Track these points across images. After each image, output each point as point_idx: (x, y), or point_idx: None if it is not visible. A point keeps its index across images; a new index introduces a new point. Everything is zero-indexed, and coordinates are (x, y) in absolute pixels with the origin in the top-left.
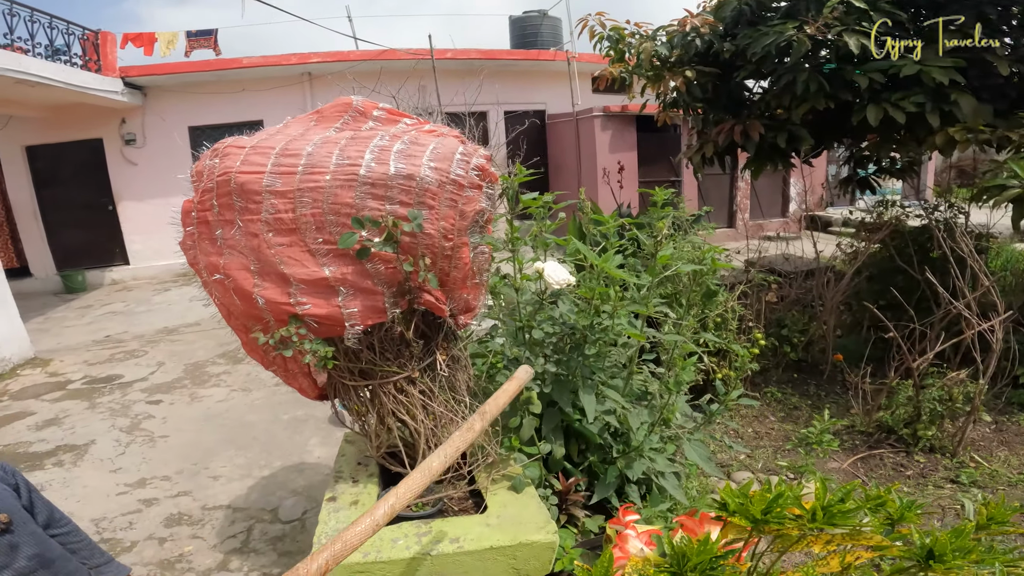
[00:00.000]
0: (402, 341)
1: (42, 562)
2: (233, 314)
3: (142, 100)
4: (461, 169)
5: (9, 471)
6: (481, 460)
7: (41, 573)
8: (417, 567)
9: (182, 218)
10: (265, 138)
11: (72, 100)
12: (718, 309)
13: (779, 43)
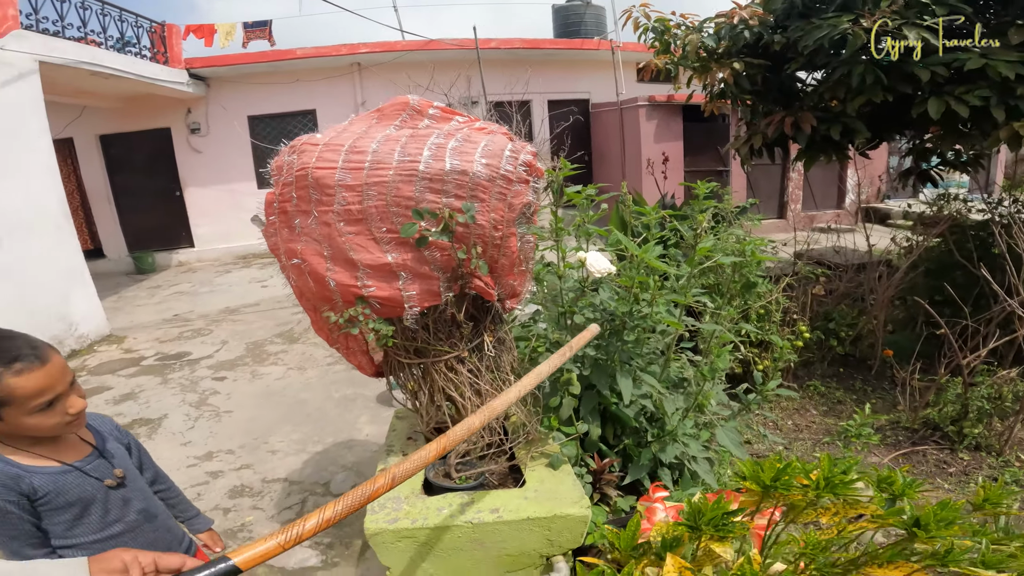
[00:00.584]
0: (453, 323)
1: (147, 516)
2: (305, 295)
3: (205, 91)
4: (510, 165)
5: (123, 432)
6: (522, 437)
7: (146, 526)
8: (459, 534)
9: (265, 208)
10: (335, 136)
11: (142, 91)
12: (761, 301)
13: (833, 36)
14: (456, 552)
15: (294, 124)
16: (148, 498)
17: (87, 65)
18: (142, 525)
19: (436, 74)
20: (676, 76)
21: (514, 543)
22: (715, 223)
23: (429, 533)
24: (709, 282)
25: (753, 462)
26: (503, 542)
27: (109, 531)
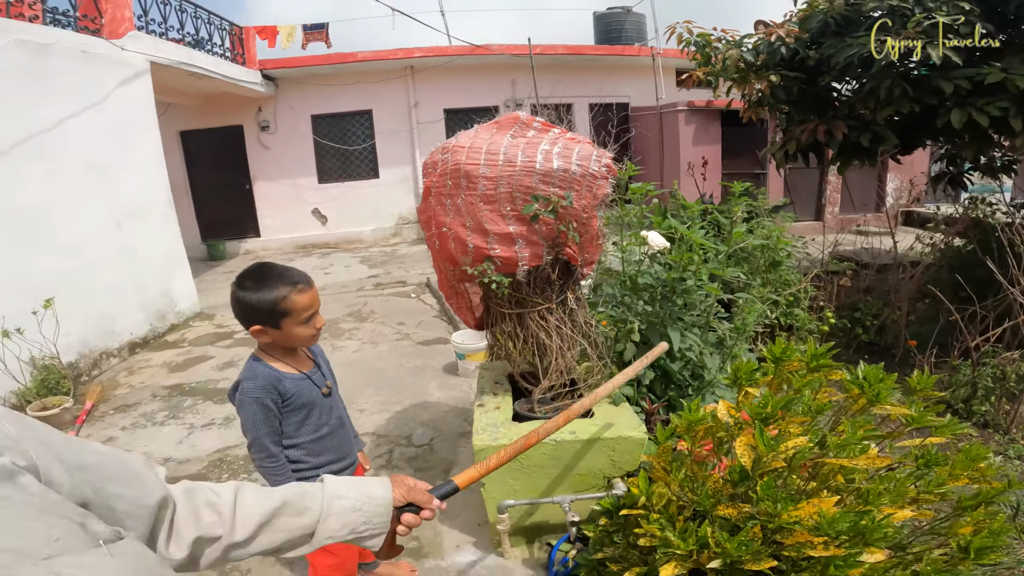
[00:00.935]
0: (547, 281)
1: (341, 423)
2: (444, 256)
3: (275, 90)
4: (596, 166)
5: (319, 351)
6: (591, 381)
7: (340, 431)
8: (543, 451)
9: (423, 193)
10: (471, 142)
11: (220, 90)
12: (790, 288)
13: (862, 54)
14: (537, 469)
15: (352, 123)
16: (342, 408)
17: (186, 66)
18: (338, 430)
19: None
20: (716, 86)
21: (584, 462)
22: (749, 218)
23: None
24: (744, 270)
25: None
26: (576, 461)
27: (319, 432)
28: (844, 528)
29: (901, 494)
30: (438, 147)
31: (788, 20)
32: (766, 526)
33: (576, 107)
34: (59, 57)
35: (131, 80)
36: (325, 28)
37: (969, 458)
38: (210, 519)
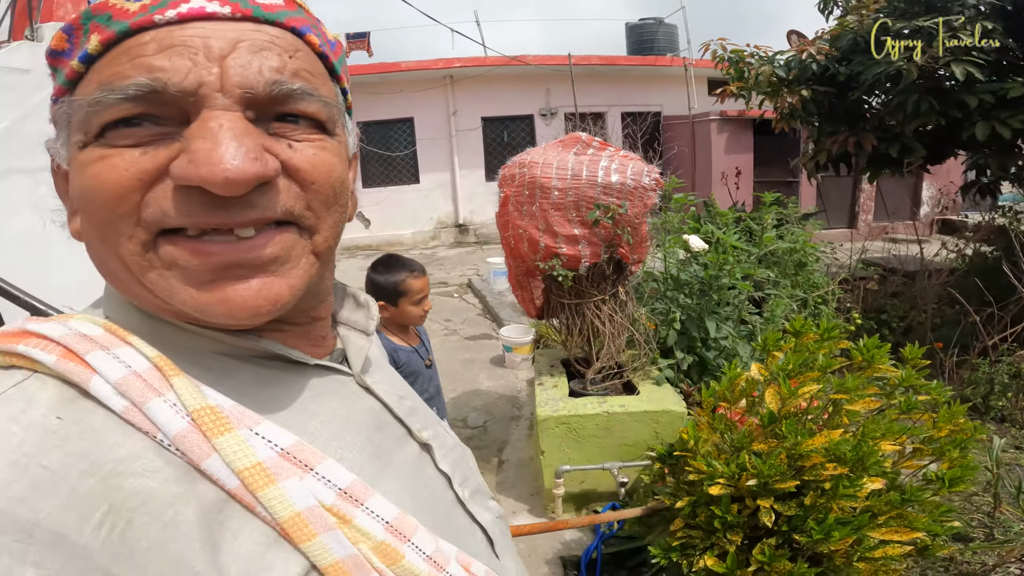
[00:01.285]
0: (603, 276)
1: (437, 391)
2: (517, 254)
3: None
4: (647, 179)
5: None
6: (635, 365)
7: (435, 399)
8: (596, 422)
9: (502, 201)
10: (544, 158)
11: None
12: (819, 291)
13: (888, 72)
14: (590, 439)
15: (395, 130)
16: (437, 381)
17: None
18: (434, 397)
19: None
20: (749, 99)
21: (631, 433)
22: (778, 225)
23: (576, 420)
24: (773, 271)
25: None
26: (624, 431)
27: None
28: (847, 452)
29: (891, 431)
30: (513, 162)
31: (819, 38)
32: (790, 454)
33: (609, 116)
34: None
35: None
36: (367, 37)
37: (950, 413)
38: None
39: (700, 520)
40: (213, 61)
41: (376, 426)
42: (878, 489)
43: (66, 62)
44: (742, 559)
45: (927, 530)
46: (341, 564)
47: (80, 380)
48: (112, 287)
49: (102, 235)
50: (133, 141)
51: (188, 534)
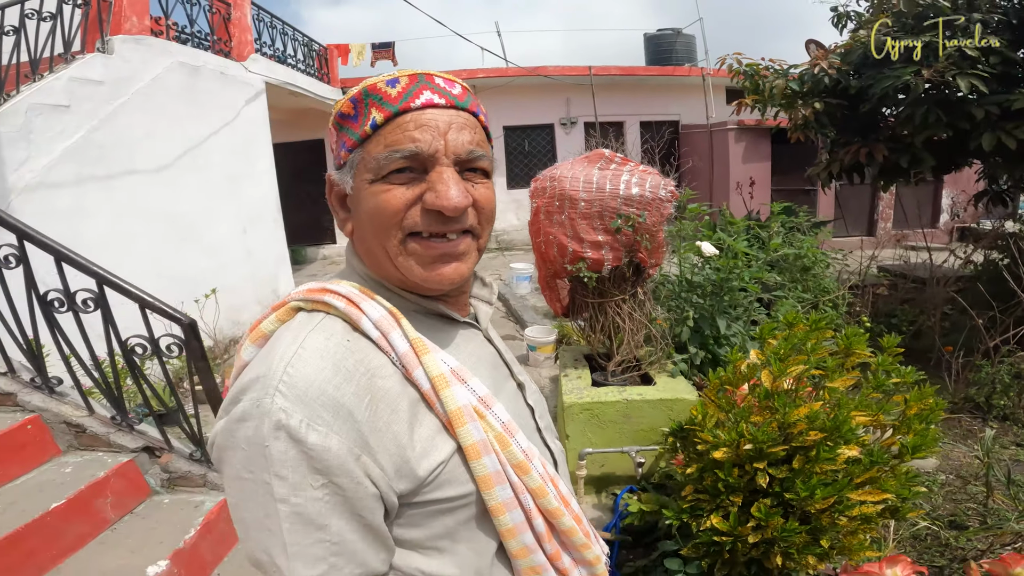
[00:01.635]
0: (623, 277)
1: None
2: (547, 259)
3: None
4: (663, 192)
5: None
6: (653, 359)
7: None
8: (616, 408)
9: (534, 210)
10: (572, 172)
11: (306, 106)
12: (829, 296)
13: (896, 85)
14: (610, 424)
15: None
16: None
17: (290, 86)
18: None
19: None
20: (764, 111)
21: (648, 419)
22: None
23: (598, 407)
24: (782, 275)
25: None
26: (641, 417)
27: None
28: (825, 420)
29: (863, 405)
30: (543, 176)
31: (832, 52)
32: (780, 424)
33: (628, 125)
34: (205, 78)
35: (253, 99)
36: (392, 47)
37: (920, 394)
38: None
39: (707, 484)
40: (440, 136)
41: (494, 365)
42: (855, 456)
43: (354, 125)
44: (743, 519)
45: (896, 493)
46: (476, 445)
47: (355, 319)
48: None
49: (377, 234)
50: (402, 181)
51: (402, 418)
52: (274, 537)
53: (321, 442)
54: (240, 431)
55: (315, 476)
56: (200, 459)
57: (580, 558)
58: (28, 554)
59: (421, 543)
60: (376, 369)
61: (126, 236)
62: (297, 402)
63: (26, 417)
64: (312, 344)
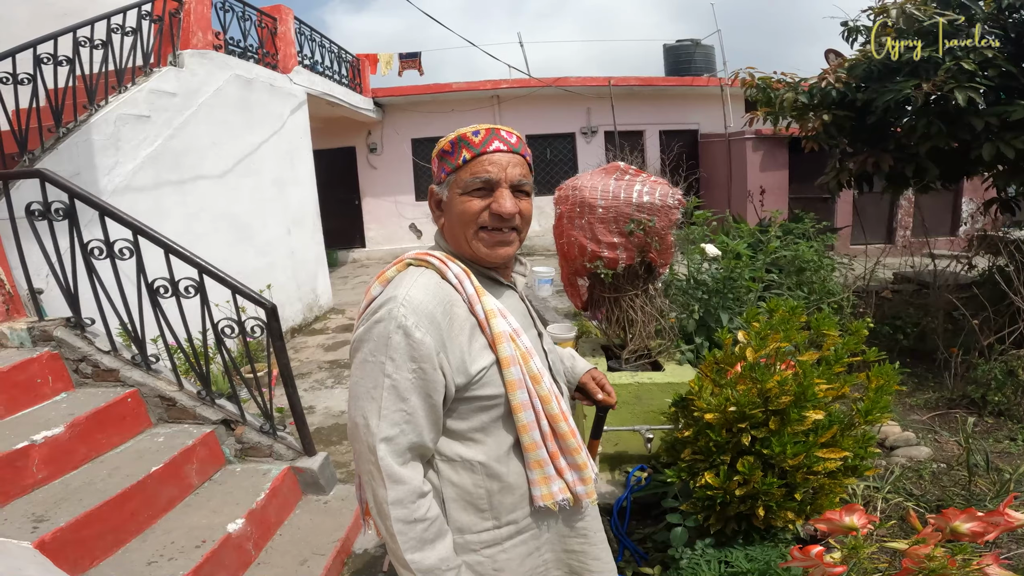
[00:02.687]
0: (636, 275)
1: None
2: (568, 257)
3: (382, 116)
4: (671, 200)
5: None
6: (660, 350)
7: None
8: (629, 390)
9: (558, 216)
10: (591, 182)
11: (340, 115)
12: (835, 297)
13: (898, 99)
14: (623, 405)
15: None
16: None
17: (328, 96)
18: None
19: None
20: (776, 122)
21: (656, 401)
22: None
23: (617, 387)
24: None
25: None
26: (651, 399)
27: None
28: (792, 385)
29: (825, 375)
30: (566, 185)
31: (840, 66)
32: (759, 390)
33: (647, 134)
34: (257, 90)
35: (297, 109)
36: (418, 57)
37: (880, 370)
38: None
39: (701, 445)
40: (502, 170)
41: (524, 314)
42: (820, 420)
43: (451, 158)
44: (731, 475)
45: (854, 452)
46: (508, 358)
47: (443, 271)
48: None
49: (462, 227)
50: (479, 196)
51: (465, 333)
52: (374, 403)
53: (421, 337)
54: (376, 328)
55: (411, 362)
56: (269, 431)
57: (572, 462)
58: (131, 513)
59: (462, 434)
60: (454, 301)
61: (195, 235)
62: (412, 312)
63: (126, 391)
64: (421, 282)
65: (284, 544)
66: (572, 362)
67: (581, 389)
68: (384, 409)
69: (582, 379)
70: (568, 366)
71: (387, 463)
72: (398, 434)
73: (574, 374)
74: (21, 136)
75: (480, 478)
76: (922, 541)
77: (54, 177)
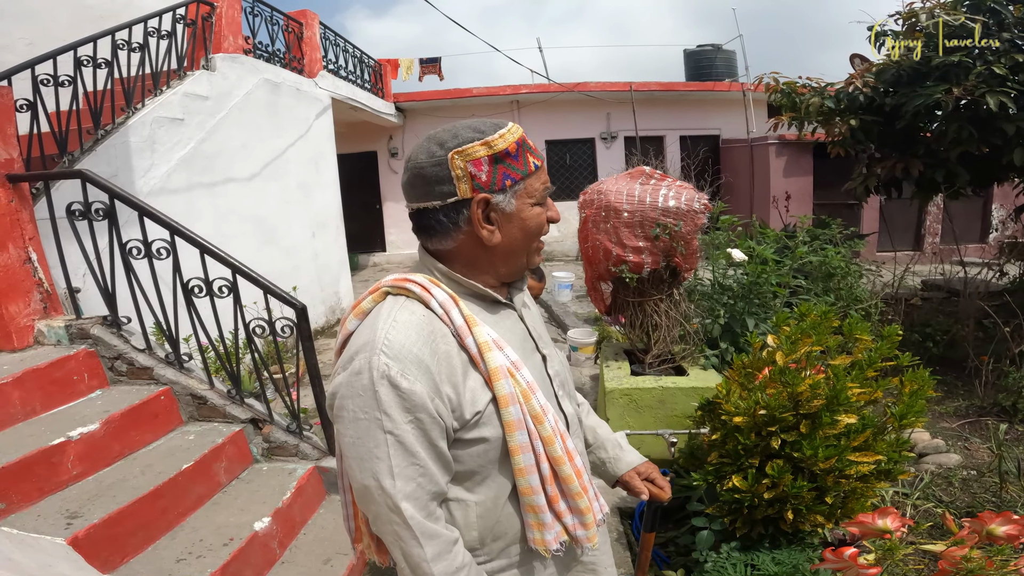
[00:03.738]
0: (661, 279)
1: None
2: (592, 261)
3: (403, 120)
4: (697, 204)
5: None
6: (684, 354)
7: None
8: (652, 395)
9: (582, 220)
10: (616, 186)
11: (362, 119)
12: (862, 304)
13: (928, 103)
14: (646, 409)
15: None
16: None
17: (351, 100)
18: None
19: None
20: (801, 127)
21: (680, 406)
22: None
23: (637, 392)
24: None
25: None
26: (675, 403)
27: None
28: (824, 389)
29: (858, 379)
30: (591, 190)
31: (867, 70)
32: (790, 394)
33: (668, 139)
34: (284, 94)
35: (322, 113)
36: (438, 62)
37: (915, 376)
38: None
39: (728, 448)
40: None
41: (523, 339)
42: (852, 423)
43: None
44: (759, 479)
45: (887, 456)
46: (506, 396)
47: (426, 300)
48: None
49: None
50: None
51: (458, 371)
52: (382, 463)
53: (410, 387)
54: (357, 381)
55: (406, 413)
56: (295, 431)
57: (574, 506)
58: (162, 511)
59: (460, 476)
60: (441, 336)
61: (224, 237)
62: (394, 359)
63: (159, 389)
64: (401, 318)
65: (308, 543)
66: (616, 452)
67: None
68: (396, 467)
69: (624, 476)
70: (610, 455)
71: (417, 521)
72: (416, 488)
73: (615, 468)
74: (61, 137)
75: (473, 519)
76: (959, 543)
77: (95, 178)
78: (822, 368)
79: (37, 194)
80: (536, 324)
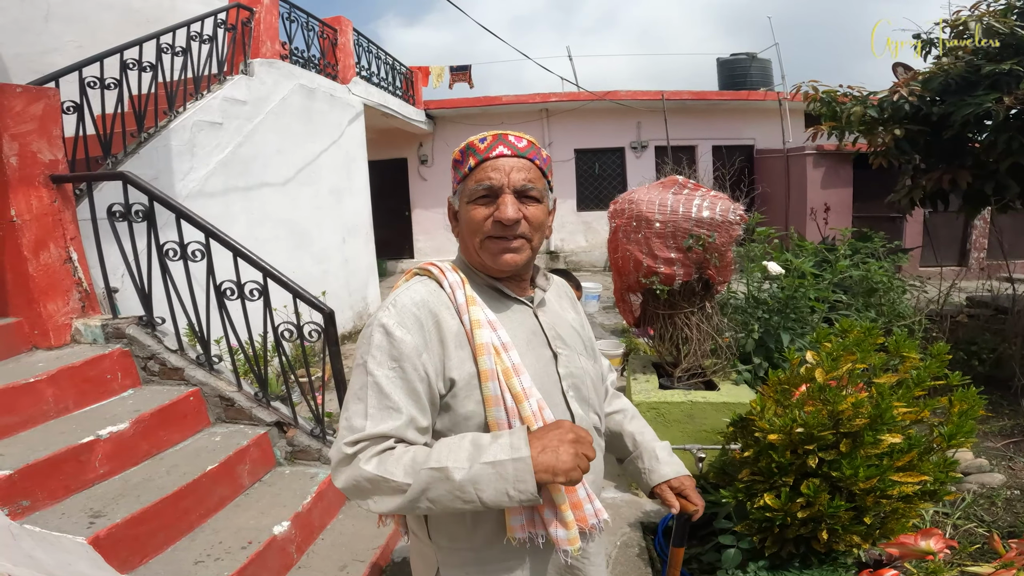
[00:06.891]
0: (693, 292)
1: None
2: (622, 272)
3: (433, 128)
4: (732, 215)
5: None
6: (715, 369)
7: None
8: (681, 409)
9: (613, 229)
10: (648, 196)
11: (393, 126)
12: (905, 321)
13: (977, 113)
14: (675, 423)
15: None
16: None
17: (382, 107)
18: None
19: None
20: (842, 137)
21: (710, 421)
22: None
23: (664, 406)
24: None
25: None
26: (704, 419)
27: None
28: (869, 408)
29: (905, 397)
30: (621, 199)
31: (913, 78)
32: (830, 412)
33: (700, 149)
34: (318, 100)
35: (354, 119)
36: (468, 70)
37: (963, 394)
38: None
39: (761, 466)
40: (506, 175)
41: (533, 333)
42: (897, 443)
43: (461, 167)
44: (793, 498)
45: (934, 476)
46: (488, 372)
47: (440, 280)
48: (462, 254)
49: (470, 235)
50: (483, 203)
51: (450, 341)
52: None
53: (402, 336)
54: (365, 332)
55: (391, 360)
56: (319, 435)
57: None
58: (184, 512)
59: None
60: (445, 308)
61: (258, 241)
62: (394, 313)
63: (189, 390)
64: (414, 288)
65: (325, 548)
66: (652, 463)
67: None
68: (371, 407)
69: (656, 488)
70: (646, 466)
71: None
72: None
73: (649, 479)
74: (105, 139)
75: None
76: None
77: (136, 180)
78: (863, 386)
79: (80, 195)
80: (558, 325)
